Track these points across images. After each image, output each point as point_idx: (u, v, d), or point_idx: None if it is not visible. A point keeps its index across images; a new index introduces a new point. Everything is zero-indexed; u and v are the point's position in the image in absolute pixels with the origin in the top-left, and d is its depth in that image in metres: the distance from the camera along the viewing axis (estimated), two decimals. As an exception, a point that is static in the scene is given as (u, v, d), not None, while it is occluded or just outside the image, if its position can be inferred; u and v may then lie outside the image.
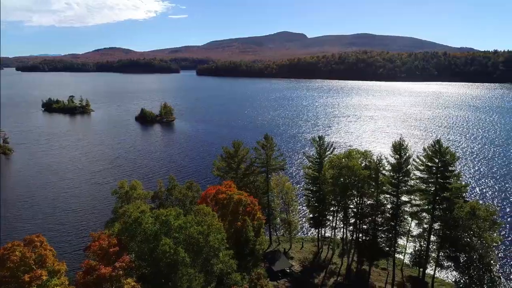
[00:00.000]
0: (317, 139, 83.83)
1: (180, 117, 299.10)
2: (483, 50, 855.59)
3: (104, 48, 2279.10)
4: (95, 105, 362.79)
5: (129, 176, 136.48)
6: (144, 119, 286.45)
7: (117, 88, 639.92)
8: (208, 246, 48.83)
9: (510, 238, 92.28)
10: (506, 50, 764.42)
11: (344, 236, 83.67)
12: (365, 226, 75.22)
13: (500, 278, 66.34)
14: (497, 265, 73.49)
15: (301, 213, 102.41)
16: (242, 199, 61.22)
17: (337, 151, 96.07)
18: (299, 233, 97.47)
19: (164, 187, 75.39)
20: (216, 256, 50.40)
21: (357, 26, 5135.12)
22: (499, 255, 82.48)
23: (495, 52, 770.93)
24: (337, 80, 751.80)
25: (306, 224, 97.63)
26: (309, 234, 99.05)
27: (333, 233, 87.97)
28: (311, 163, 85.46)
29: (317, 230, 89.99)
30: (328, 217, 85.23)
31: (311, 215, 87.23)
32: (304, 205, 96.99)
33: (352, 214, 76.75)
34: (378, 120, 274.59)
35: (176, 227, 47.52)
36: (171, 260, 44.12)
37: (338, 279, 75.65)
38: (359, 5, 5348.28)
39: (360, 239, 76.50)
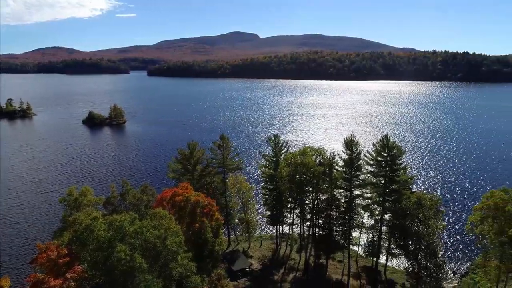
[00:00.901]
0: (273, 138, 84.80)
1: (132, 119, 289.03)
2: (423, 50, 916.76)
3: (46, 48, 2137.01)
4: (37, 109, 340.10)
5: (78, 182, 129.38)
6: (93, 122, 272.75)
7: (61, 90, 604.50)
8: (166, 250, 47.60)
9: (457, 227, 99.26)
10: (443, 50, 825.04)
11: (301, 231, 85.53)
12: (321, 221, 77.37)
13: (445, 263, 71.42)
14: (442, 251, 79.13)
15: (259, 211, 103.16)
16: (199, 201, 60.39)
17: (292, 149, 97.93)
18: (258, 232, 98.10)
19: (117, 192, 72.37)
20: (174, 260, 49.27)
21: (307, 27, 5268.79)
22: (443, 241, 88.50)
23: (434, 52, 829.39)
24: (290, 80, 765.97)
25: (264, 222, 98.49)
26: (267, 232, 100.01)
27: (290, 229, 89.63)
28: (267, 162, 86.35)
29: (275, 228, 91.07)
30: (285, 214, 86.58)
31: (268, 213, 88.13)
32: (261, 203, 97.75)
33: (308, 210, 78.60)
34: (331, 118, 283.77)
35: (132, 233, 45.78)
36: (127, 267, 42.41)
37: (297, 274, 77.14)
38: (308, 7, 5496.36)
39: (316, 234, 78.53)
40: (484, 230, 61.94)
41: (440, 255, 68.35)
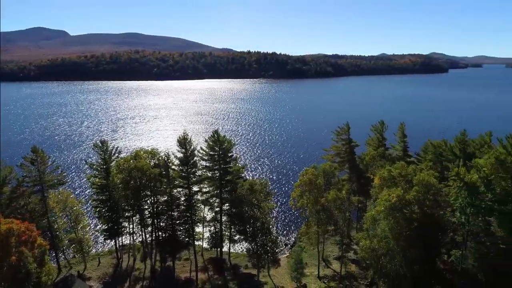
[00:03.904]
0: (100, 145, 77.51)
1: None
2: (239, 50, 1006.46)
3: None
4: None
5: None
6: None
7: None
8: (-31, 299, 37.61)
9: (285, 204, 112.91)
10: (256, 51, 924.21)
11: (144, 238, 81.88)
12: (162, 224, 75.77)
13: (278, 238, 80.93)
14: (275, 228, 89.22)
15: (93, 227, 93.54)
16: (13, 228, 49.98)
17: (125, 154, 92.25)
18: (94, 249, 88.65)
19: None
20: (-16, 309, 39.49)
21: (126, 25, 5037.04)
22: (275, 219, 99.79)
23: (249, 52, 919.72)
24: (112, 81, 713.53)
25: (101, 237, 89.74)
26: (105, 247, 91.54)
27: (131, 239, 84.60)
28: (96, 171, 78.54)
29: (114, 241, 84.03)
30: (123, 224, 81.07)
31: (104, 227, 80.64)
32: (95, 217, 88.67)
33: (149, 215, 75.87)
34: (163, 118, 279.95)
35: None
36: None
37: (144, 283, 73.56)
38: (125, 3, 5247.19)
39: (160, 237, 76.57)
40: (304, 203, 72.84)
41: (274, 232, 76.95)
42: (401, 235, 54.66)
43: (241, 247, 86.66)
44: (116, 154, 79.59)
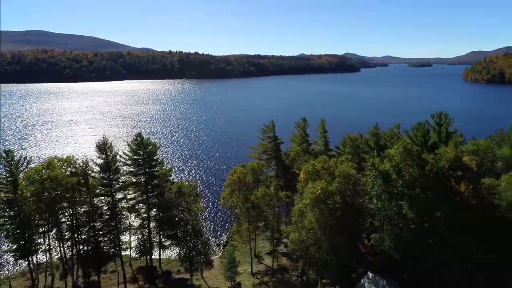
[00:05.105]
0: (4, 155, 69.05)
1: None
2: (160, 50, 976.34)
3: None
4: None
5: None
6: None
7: None
8: None
9: (216, 204, 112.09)
10: (178, 50, 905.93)
11: (63, 254, 74.99)
12: (84, 236, 70.14)
13: (209, 239, 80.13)
14: (206, 229, 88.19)
15: (1, 247, 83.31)
16: None
17: (36, 163, 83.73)
18: (3, 272, 78.99)
19: None
20: None
21: (29, 21, 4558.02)
22: (206, 220, 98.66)
23: (170, 52, 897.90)
24: (16, 84, 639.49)
25: (11, 258, 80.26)
26: (17, 269, 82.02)
27: (48, 256, 76.94)
28: (1, 185, 69.81)
29: (27, 260, 75.56)
30: (38, 240, 73.29)
31: (15, 246, 72.05)
32: (3, 236, 78.94)
33: (67, 228, 69.63)
34: (79, 123, 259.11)
35: None
36: None
37: (66, 303, 67.51)
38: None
39: (81, 251, 70.81)
40: (234, 202, 73.15)
41: (205, 234, 76.00)
42: (326, 224, 57.73)
43: (172, 252, 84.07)
44: (25, 165, 71.70)
